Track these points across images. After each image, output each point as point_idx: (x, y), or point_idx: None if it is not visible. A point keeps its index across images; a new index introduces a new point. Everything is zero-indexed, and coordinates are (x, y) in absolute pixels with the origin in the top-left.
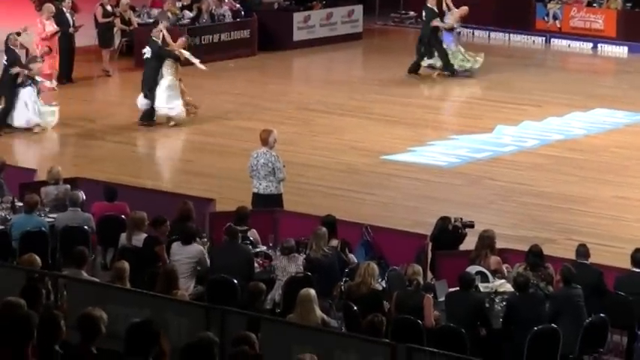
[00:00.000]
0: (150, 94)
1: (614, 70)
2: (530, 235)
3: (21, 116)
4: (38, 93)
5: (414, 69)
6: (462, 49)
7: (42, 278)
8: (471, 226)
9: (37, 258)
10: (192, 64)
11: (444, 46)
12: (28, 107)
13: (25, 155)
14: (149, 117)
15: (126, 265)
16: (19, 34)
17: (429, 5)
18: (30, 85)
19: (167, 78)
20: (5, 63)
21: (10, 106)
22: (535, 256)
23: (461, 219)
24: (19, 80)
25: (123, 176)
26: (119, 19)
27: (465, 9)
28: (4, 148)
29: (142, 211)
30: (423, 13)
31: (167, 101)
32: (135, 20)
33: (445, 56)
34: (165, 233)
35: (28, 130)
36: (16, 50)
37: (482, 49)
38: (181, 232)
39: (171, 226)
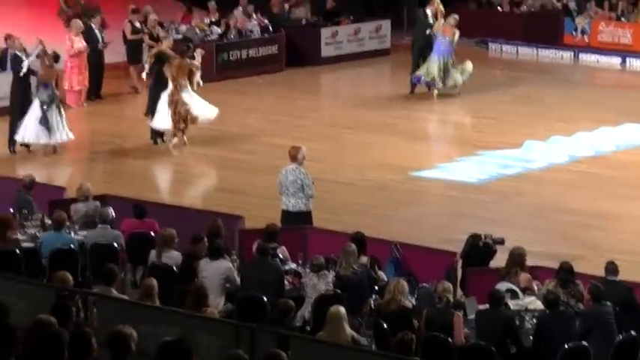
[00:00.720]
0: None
1: None
2: (560, 252)
3: (31, 132)
4: (59, 108)
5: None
6: (452, 61)
7: (72, 296)
8: (502, 242)
9: (69, 276)
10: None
11: (435, 56)
12: (42, 124)
13: (55, 172)
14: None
15: (154, 282)
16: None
17: (425, 11)
18: (49, 103)
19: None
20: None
21: (19, 118)
22: (565, 273)
23: (491, 236)
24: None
25: (152, 193)
26: (148, 35)
27: (453, 17)
28: (32, 165)
29: (172, 229)
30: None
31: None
32: (163, 35)
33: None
34: (204, 251)
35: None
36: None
37: (511, 63)
38: (209, 248)
39: None
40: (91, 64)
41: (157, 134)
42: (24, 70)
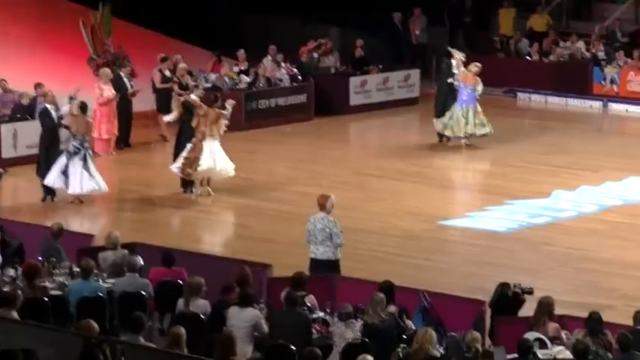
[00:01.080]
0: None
1: None
2: (589, 302)
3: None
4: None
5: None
6: (479, 110)
7: (100, 344)
8: (530, 292)
9: (95, 324)
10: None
11: (457, 106)
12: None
13: (83, 220)
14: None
15: (183, 331)
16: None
17: (449, 61)
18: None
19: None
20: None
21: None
22: (594, 323)
23: (520, 285)
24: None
25: (181, 241)
26: (177, 84)
27: (474, 65)
28: (60, 213)
29: (200, 277)
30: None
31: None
32: (192, 85)
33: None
34: (236, 300)
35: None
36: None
37: (540, 113)
38: (239, 295)
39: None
40: (120, 112)
41: (187, 182)
42: (54, 121)
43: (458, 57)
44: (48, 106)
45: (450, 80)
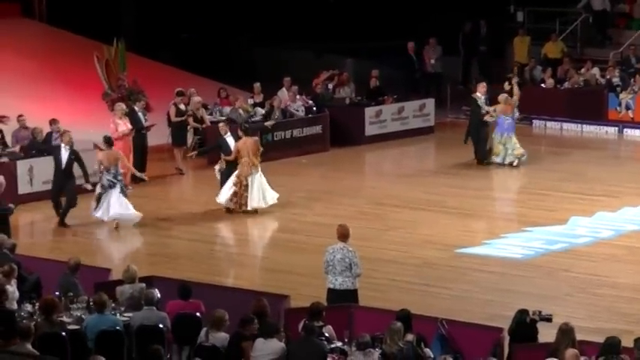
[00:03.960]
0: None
1: None
2: (607, 327)
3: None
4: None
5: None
6: (511, 138)
7: None
8: (549, 320)
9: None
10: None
11: (498, 133)
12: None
13: (100, 254)
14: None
15: None
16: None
17: (475, 95)
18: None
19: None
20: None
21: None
22: (611, 347)
23: (539, 312)
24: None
25: (197, 274)
26: (192, 117)
27: (502, 97)
28: (78, 247)
29: (223, 310)
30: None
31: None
32: (207, 118)
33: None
34: (253, 331)
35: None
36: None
37: (555, 140)
38: (266, 327)
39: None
40: (135, 146)
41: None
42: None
43: (480, 88)
44: (63, 145)
45: (486, 119)
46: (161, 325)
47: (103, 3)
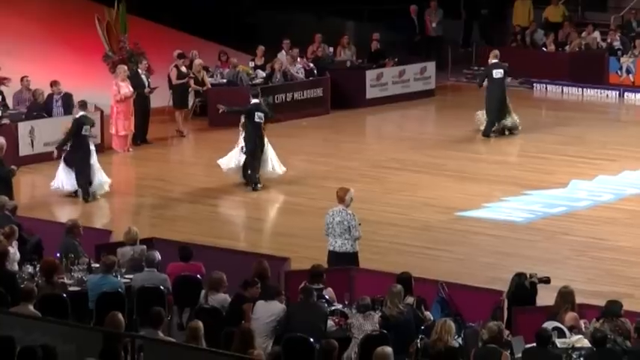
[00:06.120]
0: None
1: None
2: (607, 290)
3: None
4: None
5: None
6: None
7: (120, 339)
8: (547, 281)
9: (121, 317)
10: None
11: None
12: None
13: (101, 216)
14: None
15: (200, 324)
16: None
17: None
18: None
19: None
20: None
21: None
22: (612, 310)
23: (536, 275)
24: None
25: (198, 236)
26: (193, 79)
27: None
28: (79, 209)
29: (221, 272)
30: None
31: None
32: (208, 81)
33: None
34: (256, 294)
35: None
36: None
37: (556, 103)
38: (263, 289)
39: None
40: (137, 109)
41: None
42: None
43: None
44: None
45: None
46: (162, 287)
47: None
